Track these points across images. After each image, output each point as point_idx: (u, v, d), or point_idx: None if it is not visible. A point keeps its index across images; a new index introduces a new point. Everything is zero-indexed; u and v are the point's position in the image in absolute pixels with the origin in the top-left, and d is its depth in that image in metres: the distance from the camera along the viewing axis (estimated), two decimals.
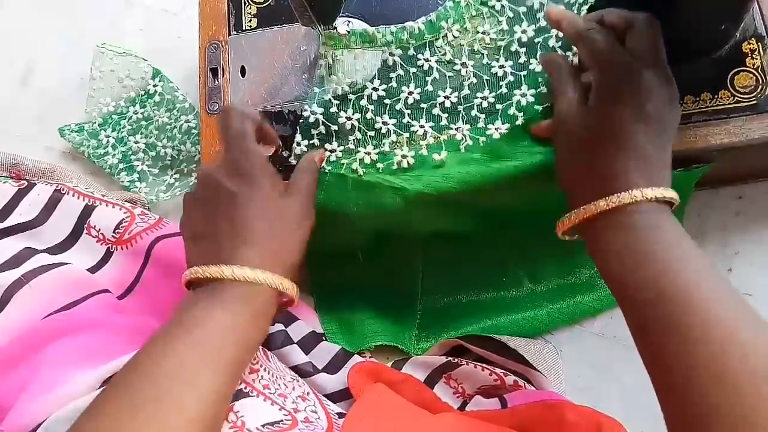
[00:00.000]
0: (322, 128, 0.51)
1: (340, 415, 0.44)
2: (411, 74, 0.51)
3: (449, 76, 0.51)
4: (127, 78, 0.67)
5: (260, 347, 0.45)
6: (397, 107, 0.50)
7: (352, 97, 0.50)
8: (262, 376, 0.43)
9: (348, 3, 0.56)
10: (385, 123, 0.50)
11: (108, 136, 0.67)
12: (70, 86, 0.71)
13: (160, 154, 0.65)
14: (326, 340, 0.54)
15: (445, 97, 0.50)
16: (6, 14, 0.76)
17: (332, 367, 0.52)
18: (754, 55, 0.51)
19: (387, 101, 0.50)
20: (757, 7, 0.52)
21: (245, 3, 0.59)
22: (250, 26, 0.59)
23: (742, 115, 0.50)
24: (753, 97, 0.50)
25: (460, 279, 0.56)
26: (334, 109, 0.50)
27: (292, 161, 0.51)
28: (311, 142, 0.51)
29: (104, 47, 0.68)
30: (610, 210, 0.39)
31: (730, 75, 0.51)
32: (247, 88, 0.57)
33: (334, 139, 0.51)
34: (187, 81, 0.68)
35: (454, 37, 0.52)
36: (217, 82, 0.57)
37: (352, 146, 0.50)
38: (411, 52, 0.51)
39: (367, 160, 0.49)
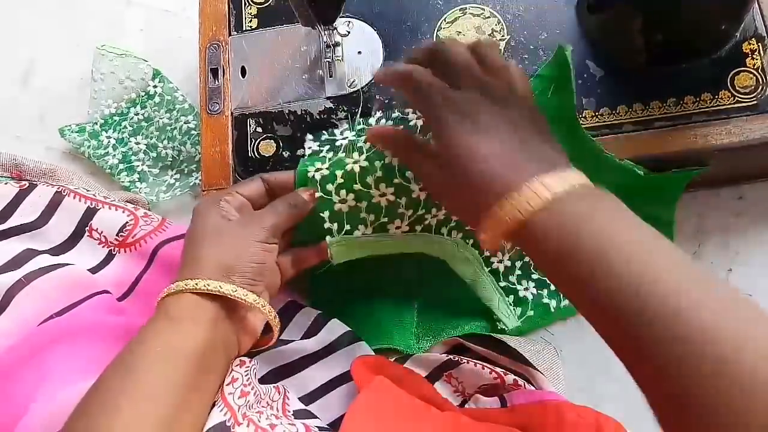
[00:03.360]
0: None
1: (321, 429, 0.43)
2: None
3: None
4: (127, 79, 0.67)
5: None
6: None
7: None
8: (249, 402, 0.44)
9: (348, 3, 0.56)
10: None
11: (109, 137, 0.67)
12: (70, 86, 0.71)
13: (160, 155, 0.65)
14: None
15: None
16: (6, 14, 0.76)
17: (311, 332, 0.53)
18: (754, 56, 0.51)
19: None
20: (757, 7, 0.52)
21: (245, 3, 0.59)
22: (251, 26, 0.59)
23: (743, 116, 0.50)
24: (753, 97, 0.50)
25: (456, 276, 0.55)
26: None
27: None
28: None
29: (104, 49, 0.68)
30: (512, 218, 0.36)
31: (730, 75, 0.51)
32: (248, 88, 0.57)
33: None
34: (187, 81, 0.68)
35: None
36: (217, 82, 0.57)
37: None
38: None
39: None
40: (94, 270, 0.54)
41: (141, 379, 0.38)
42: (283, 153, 0.54)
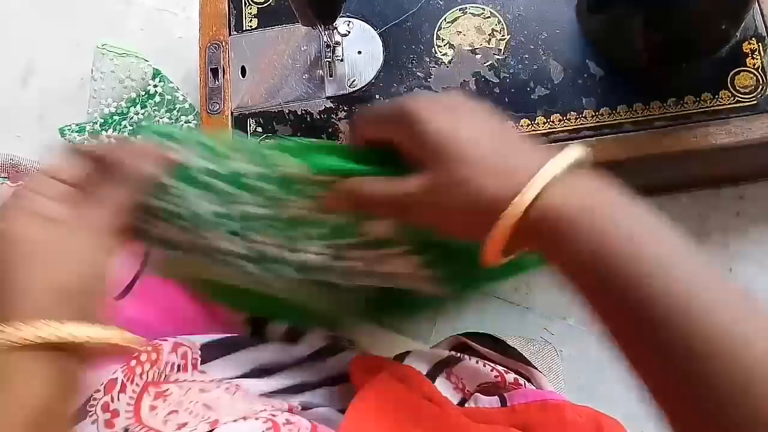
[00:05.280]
0: None
1: (328, 422, 0.43)
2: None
3: None
4: (127, 78, 0.67)
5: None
6: None
7: None
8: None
9: (348, 3, 0.56)
10: None
11: (109, 137, 0.67)
12: (70, 86, 0.71)
13: None
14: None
15: None
16: (6, 14, 0.76)
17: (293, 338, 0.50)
18: (754, 55, 0.51)
19: None
20: (758, 7, 0.52)
21: (246, 3, 0.59)
22: (251, 26, 0.59)
23: (743, 115, 0.50)
24: (753, 97, 0.50)
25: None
26: None
27: None
28: None
29: (104, 48, 0.68)
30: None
31: (730, 75, 0.51)
32: (248, 88, 0.57)
33: None
34: (187, 81, 0.68)
35: None
36: (217, 82, 0.57)
37: None
38: None
39: None
40: None
41: None
42: None
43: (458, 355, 0.52)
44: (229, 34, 0.58)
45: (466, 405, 0.50)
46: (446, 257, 0.41)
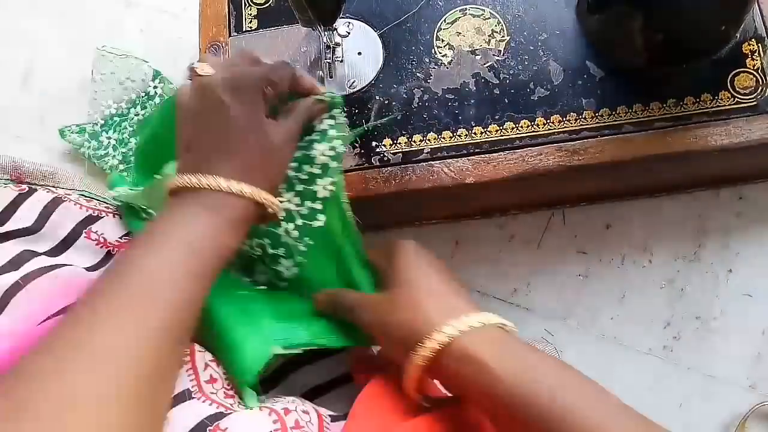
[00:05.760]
0: None
1: (333, 418, 0.43)
2: None
3: None
4: (127, 80, 0.67)
5: None
6: None
7: None
8: None
9: (348, 4, 0.56)
10: None
11: (109, 138, 0.67)
12: (70, 87, 0.71)
13: None
14: None
15: None
16: (6, 14, 0.76)
17: None
18: (754, 56, 0.51)
19: None
20: (757, 8, 0.52)
21: (245, 4, 0.59)
22: (251, 27, 0.59)
23: (743, 116, 0.50)
24: (753, 98, 0.50)
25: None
26: None
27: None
28: None
29: (104, 49, 0.68)
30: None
31: (730, 76, 0.51)
32: None
33: None
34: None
35: None
36: None
37: None
38: None
39: None
40: (92, 268, 0.54)
41: (187, 255, 0.39)
42: None
43: None
44: (229, 35, 0.58)
45: None
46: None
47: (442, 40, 0.55)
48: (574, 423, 0.35)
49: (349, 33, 0.56)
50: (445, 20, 0.56)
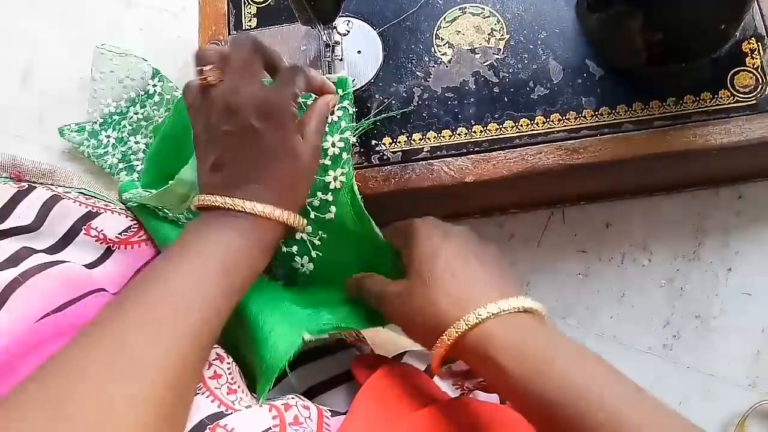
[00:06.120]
0: None
1: (333, 414, 0.43)
2: None
3: None
4: (127, 78, 0.67)
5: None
6: None
7: None
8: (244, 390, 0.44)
9: (348, 2, 0.56)
10: None
11: (108, 136, 0.67)
12: (70, 86, 0.71)
13: None
14: None
15: None
16: (6, 14, 0.76)
17: None
18: (753, 55, 0.51)
19: None
20: (757, 7, 0.52)
21: (245, 2, 0.59)
22: (250, 26, 0.59)
23: (742, 115, 0.50)
24: (753, 96, 0.50)
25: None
26: None
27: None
28: None
29: (104, 48, 0.68)
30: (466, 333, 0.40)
31: (729, 75, 0.51)
32: None
33: None
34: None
35: None
36: None
37: None
38: None
39: None
40: (92, 265, 0.54)
41: (216, 269, 0.40)
42: None
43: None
44: (229, 34, 0.58)
45: None
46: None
47: (442, 39, 0.55)
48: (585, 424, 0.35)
49: (348, 31, 0.56)
50: (444, 18, 0.56)
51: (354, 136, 0.50)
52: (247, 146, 0.44)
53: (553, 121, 0.52)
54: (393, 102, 0.54)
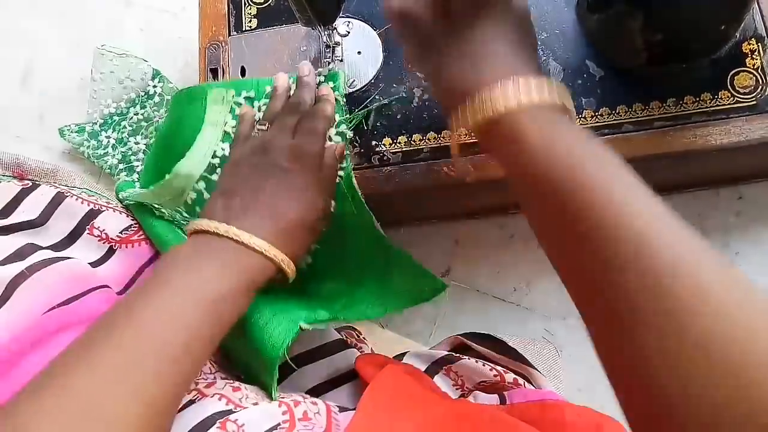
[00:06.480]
0: None
1: (341, 409, 0.44)
2: None
3: None
4: (127, 79, 0.67)
5: None
6: None
7: None
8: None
9: (348, 3, 0.56)
10: None
11: (108, 137, 0.67)
12: (70, 86, 0.71)
13: None
14: None
15: None
16: (6, 14, 0.76)
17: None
18: (754, 56, 0.51)
19: None
20: (757, 8, 0.52)
21: (245, 3, 0.59)
22: (250, 27, 0.59)
23: (742, 116, 0.50)
24: (753, 97, 0.50)
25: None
26: None
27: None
28: None
29: (104, 49, 0.68)
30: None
31: (730, 75, 0.51)
32: None
33: None
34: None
35: None
36: (217, 82, 0.57)
37: None
38: None
39: None
40: (95, 264, 0.54)
41: (194, 296, 0.38)
42: None
43: (457, 354, 0.52)
44: (229, 35, 0.58)
45: None
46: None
47: None
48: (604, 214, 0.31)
49: (348, 32, 0.56)
50: None
51: (349, 129, 0.51)
52: (270, 184, 0.45)
53: None
54: (393, 103, 0.54)
